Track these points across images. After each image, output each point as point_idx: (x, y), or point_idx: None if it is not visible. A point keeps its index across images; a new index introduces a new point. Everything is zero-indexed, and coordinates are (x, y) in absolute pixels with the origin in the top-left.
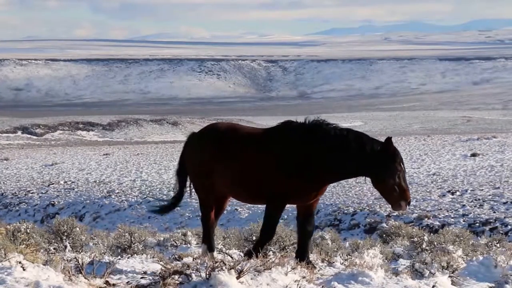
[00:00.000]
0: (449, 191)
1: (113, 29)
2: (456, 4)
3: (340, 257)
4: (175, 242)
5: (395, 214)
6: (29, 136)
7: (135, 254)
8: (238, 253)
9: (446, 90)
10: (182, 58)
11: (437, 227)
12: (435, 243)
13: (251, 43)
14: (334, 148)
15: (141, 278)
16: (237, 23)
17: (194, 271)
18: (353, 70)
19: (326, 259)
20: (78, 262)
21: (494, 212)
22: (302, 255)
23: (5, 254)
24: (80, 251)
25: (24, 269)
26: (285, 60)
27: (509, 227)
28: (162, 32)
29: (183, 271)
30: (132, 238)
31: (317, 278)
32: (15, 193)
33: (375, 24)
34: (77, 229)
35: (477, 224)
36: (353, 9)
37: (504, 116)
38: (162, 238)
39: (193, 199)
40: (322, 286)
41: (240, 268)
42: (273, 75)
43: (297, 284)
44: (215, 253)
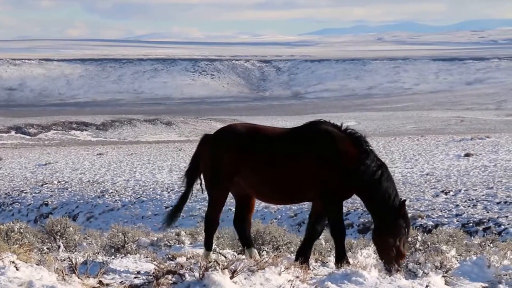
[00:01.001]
0: (442, 191)
1: (107, 29)
2: (450, 5)
3: (333, 257)
4: (169, 242)
5: None
6: (22, 136)
7: (128, 254)
8: (232, 253)
9: (440, 90)
10: (176, 58)
11: (430, 227)
12: (429, 243)
13: (245, 43)
14: (366, 181)
15: (135, 278)
16: (231, 23)
17: (187, 271)
18: (347, 70)
19: (320, 259)
20: (72, 262)
21: (488, 212)
22: (304, 254)
23: None
24: (74, 251)
25: (17, 269)
26: (279, 60)
27: (503, 227)
28: (156, 32)
29: (176, 271)
30: (126, 238)
31: (311, 278)
32: (9, 192)
33: (368, 24)
34: (71, 229)
35: (471, 224)
36: (347, 9)
37: (498, 116)
38: (155, 238)
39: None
40: (316, 286)
41: (233, 268)
42: (267, 75)
43: (291, 284)
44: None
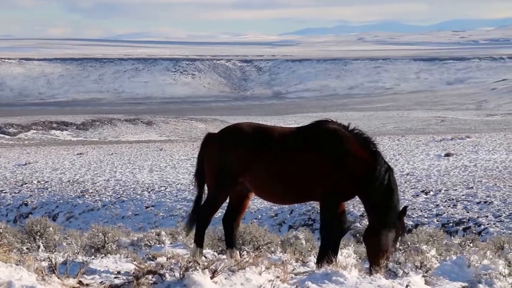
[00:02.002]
0: (422, 191)
1: (88, 28)
2: (431, 5)
3: (314, 256)
4: (149, 242)
5: None
6: (2, 135)
7: (108, 254)
8: (212, 253)
9: (420, 90)
10: (157, 57)
11: (410, 226)
12: (409, 243)
13: (226, 43)
14: (374, 185)
15: (115, 278)
16: (212, 23)
17: (168, 271)
18: (328, 70)
19: (300, 259)
20: (51, 262)
21: (468, 212)
22: (333, 252)
23: None
24: (54, 251)
25: None
26: (260, 60)
27: (482, 227)
28: (137, 31)
29: (157, 271)
30: (106, 238)
31: (291, 277)
32: None
33: (349, 24)
34: (51, 229)
35: (451, 224)
36: (328, 9)
37: (478, 117)
38: (135, 238)
39: (166, 199)
40: (296, 286)
41: (214, 268)
42: (248, 74)
43: (271, 284)
44: (204, 251)
